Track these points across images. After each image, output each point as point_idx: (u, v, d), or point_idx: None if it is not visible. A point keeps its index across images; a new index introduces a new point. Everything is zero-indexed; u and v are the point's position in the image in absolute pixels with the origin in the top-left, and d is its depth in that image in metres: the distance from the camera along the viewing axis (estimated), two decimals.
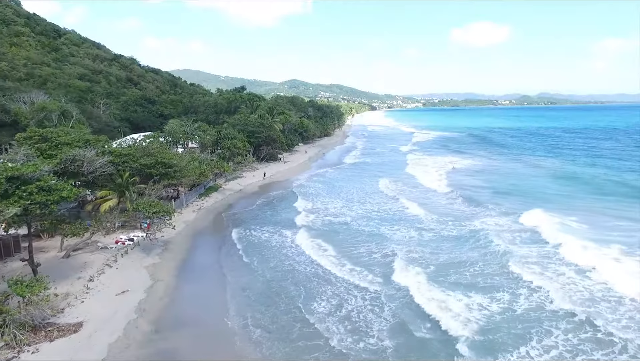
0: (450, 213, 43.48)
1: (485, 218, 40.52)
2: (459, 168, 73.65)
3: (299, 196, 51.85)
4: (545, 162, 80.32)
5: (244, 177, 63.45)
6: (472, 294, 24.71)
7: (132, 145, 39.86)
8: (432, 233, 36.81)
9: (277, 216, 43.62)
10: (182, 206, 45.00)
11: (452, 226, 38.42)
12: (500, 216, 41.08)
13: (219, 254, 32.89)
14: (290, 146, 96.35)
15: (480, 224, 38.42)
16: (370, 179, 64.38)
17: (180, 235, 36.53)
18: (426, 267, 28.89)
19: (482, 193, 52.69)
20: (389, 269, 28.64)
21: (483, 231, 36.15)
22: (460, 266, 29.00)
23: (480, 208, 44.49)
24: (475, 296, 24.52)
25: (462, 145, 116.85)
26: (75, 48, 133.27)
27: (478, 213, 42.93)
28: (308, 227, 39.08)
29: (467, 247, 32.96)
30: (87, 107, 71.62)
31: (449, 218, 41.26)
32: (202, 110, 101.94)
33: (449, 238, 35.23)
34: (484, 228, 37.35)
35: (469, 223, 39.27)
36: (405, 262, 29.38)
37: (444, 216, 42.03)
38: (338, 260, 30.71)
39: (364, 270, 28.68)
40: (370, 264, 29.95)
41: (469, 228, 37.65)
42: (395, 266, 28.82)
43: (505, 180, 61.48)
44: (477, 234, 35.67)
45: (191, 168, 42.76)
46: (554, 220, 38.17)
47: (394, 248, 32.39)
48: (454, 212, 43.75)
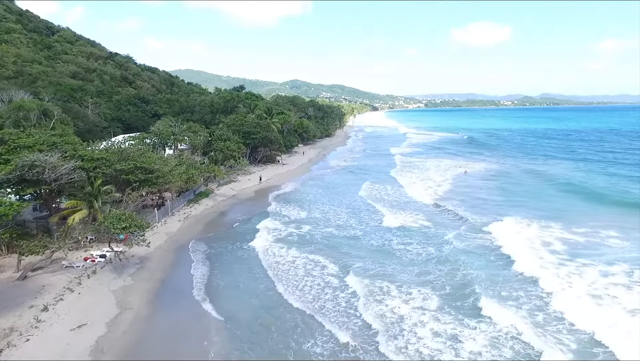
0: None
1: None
2: (470, 173, 69.39)
3: (296, 206, 47.73)
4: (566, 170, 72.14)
5: (238, 182, 59.29)
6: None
7: (108, 148, 35.48)
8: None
9: (278, 228, 39.42)
10: (167, 215, 40.87)
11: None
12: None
13: (202, 273, 28.67)
14: (289, 147, 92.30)
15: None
16: (372, 184, 60.18)
17: (160, 250, 32.38)
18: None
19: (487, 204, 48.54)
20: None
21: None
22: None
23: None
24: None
25: (470, 147, 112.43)
26: (68, 46, 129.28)
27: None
28: (300, 243, 34.96)
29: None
30: (74, 107, 67.54)
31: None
32: (198, 110, 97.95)
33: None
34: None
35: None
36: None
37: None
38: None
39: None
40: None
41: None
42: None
43: (515, 189, 56.75)
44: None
45: (177, 173, 38.58)
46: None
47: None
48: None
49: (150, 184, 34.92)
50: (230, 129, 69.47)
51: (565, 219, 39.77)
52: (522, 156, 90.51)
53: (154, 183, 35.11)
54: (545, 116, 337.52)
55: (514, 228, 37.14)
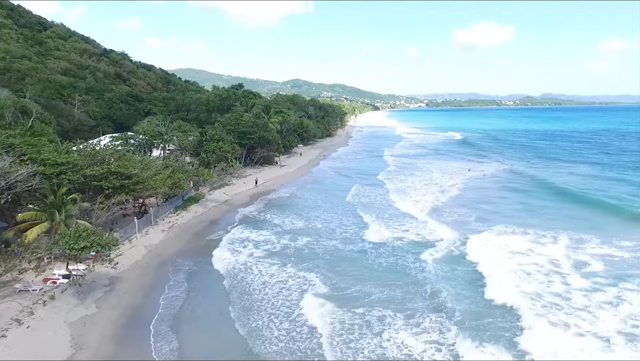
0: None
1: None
2: (488, 176, 65.24)
3: (292, 214, 43.69)
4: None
5: (232, 185, 55.13)
6: None
7: (80, 150, 31.11)
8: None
9: (269, 241, 35.28)
10: (150, 224, 36.73)
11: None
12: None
13: (183, 299, 24.55)
14: (288, 148, 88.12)
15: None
16: (373, 188, 56.07)
17: (136, 267, 28.26)
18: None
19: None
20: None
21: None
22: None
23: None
24: None
25: (478, 148, 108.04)
26: (61, 42, 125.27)
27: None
28: (296, 260, 30.82)
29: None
30: (58, 104, 63.38)
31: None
32: (194, 108, 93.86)
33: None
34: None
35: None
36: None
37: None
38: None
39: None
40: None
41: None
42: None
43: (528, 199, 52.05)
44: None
45: (160, 178, 34.42)
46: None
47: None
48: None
49: (128, 191, 30.79)
50: (225, 129, 65.36)
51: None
52: (530, 159, 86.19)
53: (131, 189, 30.98)
54: (549, 116, 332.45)
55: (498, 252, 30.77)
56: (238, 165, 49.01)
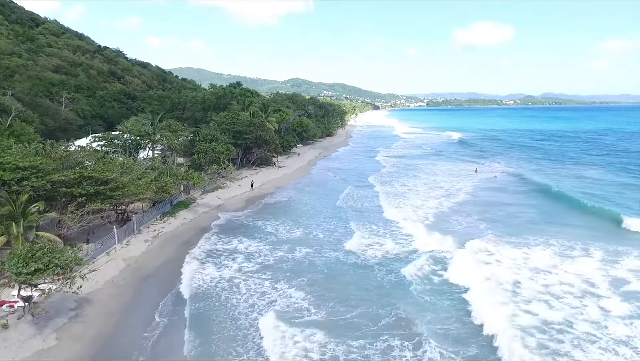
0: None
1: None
2: (500, 178, 61.85)
3: (288, 221, 40.38)
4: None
5: (227, 188, 51.75)
6: None
7: (49, 152, 27.60)
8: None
9: (261, 252, 31.91)
10: (133, 233, 33.36)
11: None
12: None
13: (160, 326, 21.18)
14: (287, 148, 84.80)
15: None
16: (373, 192, 52.72)
17: (110, 286, 24.89)
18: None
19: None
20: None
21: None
22: None
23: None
24: None
25: (483, 149, 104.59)
26: (53, 38, 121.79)
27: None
28: (290, 275, 27.42)
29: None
30: (43, 102, 59.99)
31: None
32: (189, 107, 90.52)
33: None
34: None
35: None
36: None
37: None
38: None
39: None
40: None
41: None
42: None
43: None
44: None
45: (143, 183, 31.04)
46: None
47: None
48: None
49: (104, 198, 27.39)
50: (220, 128, 62.03)
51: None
52: (538, 161, 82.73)
53: (108, 196, 27.59)
54: (550, 116, 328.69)
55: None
56: (231, 167, 45.59)
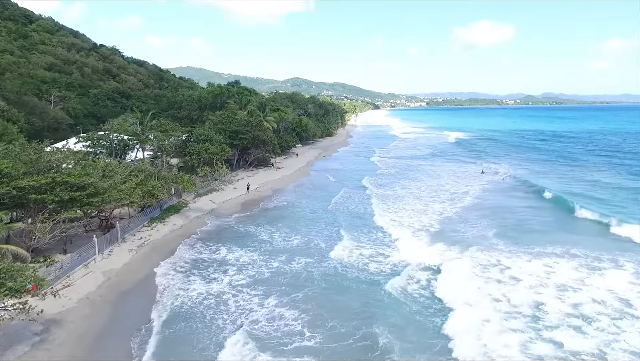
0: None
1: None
2: (508, 181, 59.18)
3: (284, 227, 37.76)
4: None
5: (221, 191, 49.06)
6: None
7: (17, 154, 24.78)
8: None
9: (255, 263, 29.28)
10: (117, 241, 30.70)
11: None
12: None
13: (137, 351, 18.54)
14: (285, 148, 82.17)
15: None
16: (369, 194, 50.09)
17: (85, 304, 22.23)
18: None
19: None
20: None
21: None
22: None
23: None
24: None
25: (489, 150, 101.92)
26: (47, 36, 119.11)
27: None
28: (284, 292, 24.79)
29: None
30: (30, 100, 57.30)
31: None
32: (185, 106, 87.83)
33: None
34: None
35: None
36: None
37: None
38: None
39: None
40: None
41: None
42: None
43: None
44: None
45: (127, 187, 28.37)
46: None
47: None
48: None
49: (81, 205, 24.74)
50: (215, 128, 59.38)
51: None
52: (547, 162, 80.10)
53: (85, 203, 24.95)
54: (552, 115, 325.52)
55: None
56: (224, 170, 42.92)
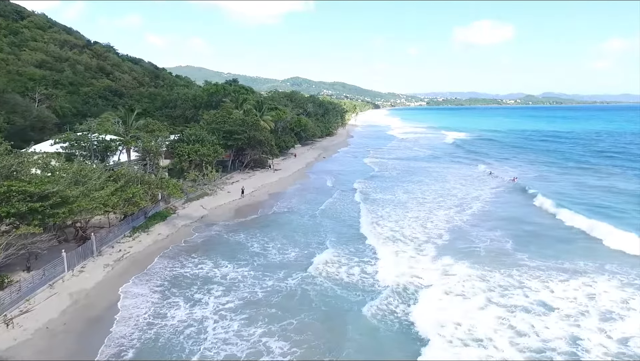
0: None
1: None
2: (519, 182, 55.90)
3: (280, 237, 34.50)
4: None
5: (214, 195, 45.75)
6: None
7: None
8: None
9: (245, 280, 26.02)
10: (92, 255, 27.41)
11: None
12: None
13: None
14: (284, 148, 78.95)
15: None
16: (375, 203, 46.81)
17: (42, 335, 18.93)
18: None
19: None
20: None
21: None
22: None
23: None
24: None
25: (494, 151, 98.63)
26: (39, 32, 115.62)
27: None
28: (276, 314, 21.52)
29: None
30: (11, 98, 53.92)
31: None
32: (180, 104, 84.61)
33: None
34: None
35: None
36: None
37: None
38: None
39: None
40: None
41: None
42: None
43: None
44: None
45: (101, 195, 25.08)
46: None
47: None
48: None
49: (43, 217, 21.44)
50: (209, 128, 56.12)
51: None
52: (557, 164, 76.78)
53: (49, 215, 21.65)
54: (554, 115, 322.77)
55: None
56: (213, 174, 39.56)
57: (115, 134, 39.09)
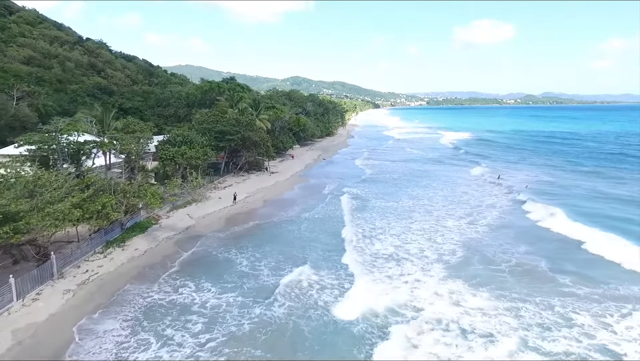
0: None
1: None
2: (532, 188, 51.94)
3: (275, 253, 30.52)
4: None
5: (204, 201, 41.78)
6: None
7: None
8: None
9: (229, 309, 22.04)
10: (52, 277, 23.39)
11: None
12: None
13: None
14: (282, 149, 75.05)
15: None
16: (368, 204, 42.83)
17: None
18: None
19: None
20: None
21: None
22: None
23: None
24: None
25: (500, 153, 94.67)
26: (28, 28, 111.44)
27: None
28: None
29: None
30: None
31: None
32: (172, 103, 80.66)
33: None
34: None
35: None
36: None
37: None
38: None
39: None
40: None
41: None
42: None
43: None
44: None
45: (56, 210, 21.07)
46: None
47: None
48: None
49: None
50: (200, 128, 52.14)
51: None
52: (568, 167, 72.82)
53: None
54: (556, 115, 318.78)
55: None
56: (198, 180, 35.45)
57: (93, 135, 34.98)
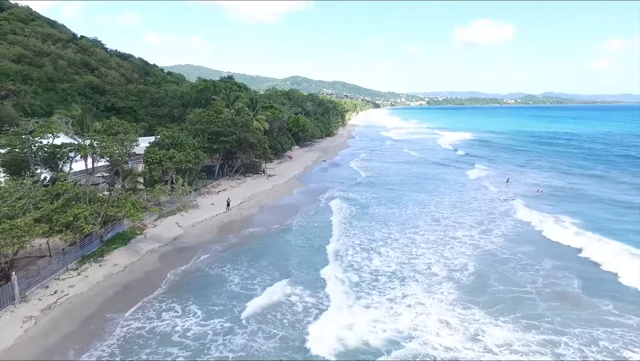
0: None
1: None
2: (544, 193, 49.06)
3: (270, 268, 27.54)
4: None
5: (194, 208, 38.80)
6: None
7: None
8: None
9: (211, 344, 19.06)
10: (12, 302, 20.39)
11: None
12: None
13: None
14: (280, 151, 72.11)
15: None
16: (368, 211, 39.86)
17: None
18: None
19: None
20: None
21: None
22: None
23: None
24: None
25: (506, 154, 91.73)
26: (20, 25, 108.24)
27: None
28: None
29: None
30: None
31: None
32: (167, 102, 77.70)
33: None
34: None
35: None
36: None
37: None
38: None
39: None
40: None
41: None
42: None
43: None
44: None
45: (13, 226, 18.07)
46: None
47: None
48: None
49: None
50: (193, 129, 49.16)
51: None
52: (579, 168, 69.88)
53: None
54: (559, 115, 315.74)
55: None
56: (184, 188, 32.40)
57: (70, 138, 31.94)
